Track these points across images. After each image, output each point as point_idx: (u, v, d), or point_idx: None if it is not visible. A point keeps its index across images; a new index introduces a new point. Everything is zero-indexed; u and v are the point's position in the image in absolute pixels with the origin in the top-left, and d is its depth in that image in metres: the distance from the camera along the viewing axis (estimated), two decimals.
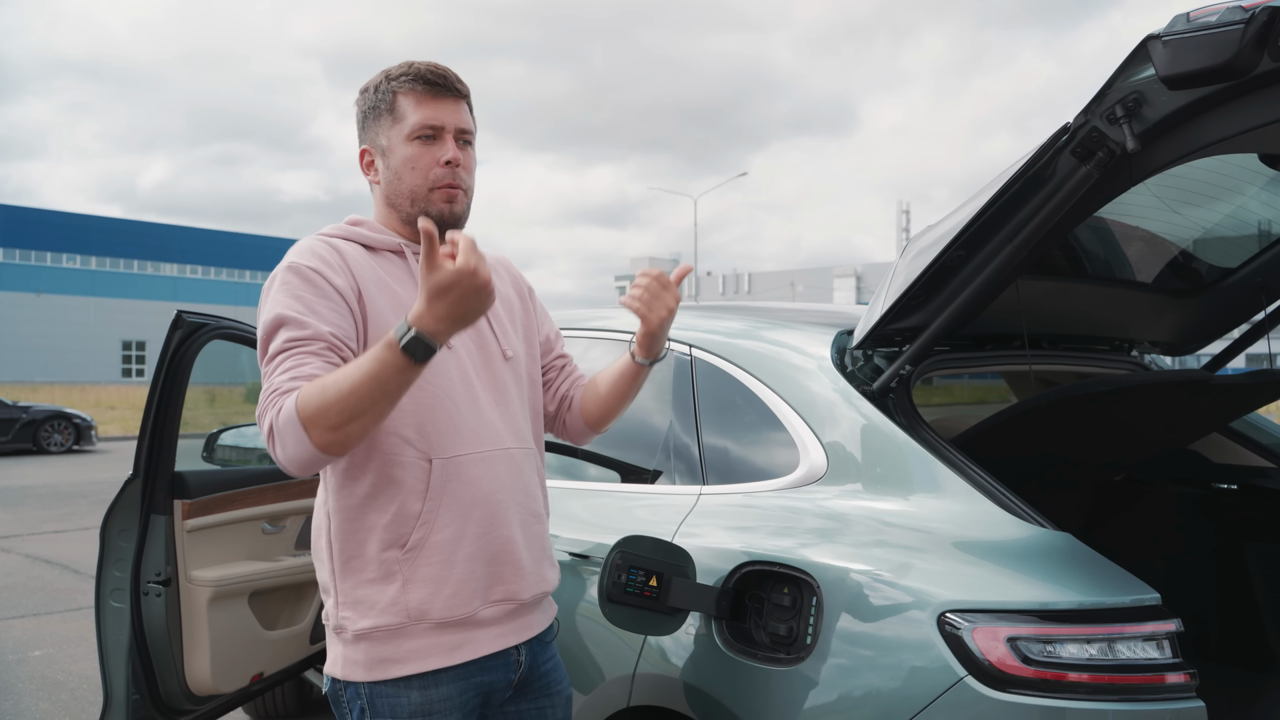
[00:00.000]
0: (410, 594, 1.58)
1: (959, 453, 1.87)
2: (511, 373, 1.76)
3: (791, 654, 1.77)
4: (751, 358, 2.23)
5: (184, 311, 2.73)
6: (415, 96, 1.65)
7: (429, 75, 1.65)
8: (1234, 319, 2.71)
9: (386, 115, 1.66)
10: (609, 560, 1.82)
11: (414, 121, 1.64)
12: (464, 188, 1.67)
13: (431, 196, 1.65)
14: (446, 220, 1.66)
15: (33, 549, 7.88)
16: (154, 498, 2.67)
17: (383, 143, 1.67)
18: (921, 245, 1.94)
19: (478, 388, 1.67)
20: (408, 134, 1.64)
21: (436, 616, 1.59)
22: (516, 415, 1.74)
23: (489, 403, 1.68)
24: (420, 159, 1.64)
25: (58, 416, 17.25)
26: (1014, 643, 1.55)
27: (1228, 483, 2.83)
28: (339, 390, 1.38)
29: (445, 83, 1.66)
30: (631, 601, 1.81)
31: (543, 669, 1.77)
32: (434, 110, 1.64)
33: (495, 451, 1.66)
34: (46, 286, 50.61)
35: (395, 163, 1.66)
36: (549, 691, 1.78)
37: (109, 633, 2.69)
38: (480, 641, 1.64)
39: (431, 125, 1.64)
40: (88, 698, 4.37)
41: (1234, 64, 1.36)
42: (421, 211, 1.65)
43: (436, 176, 1.64)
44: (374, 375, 1.36)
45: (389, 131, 1.66)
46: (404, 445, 1.59)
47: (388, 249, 1.68)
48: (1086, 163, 1.63)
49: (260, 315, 1.59)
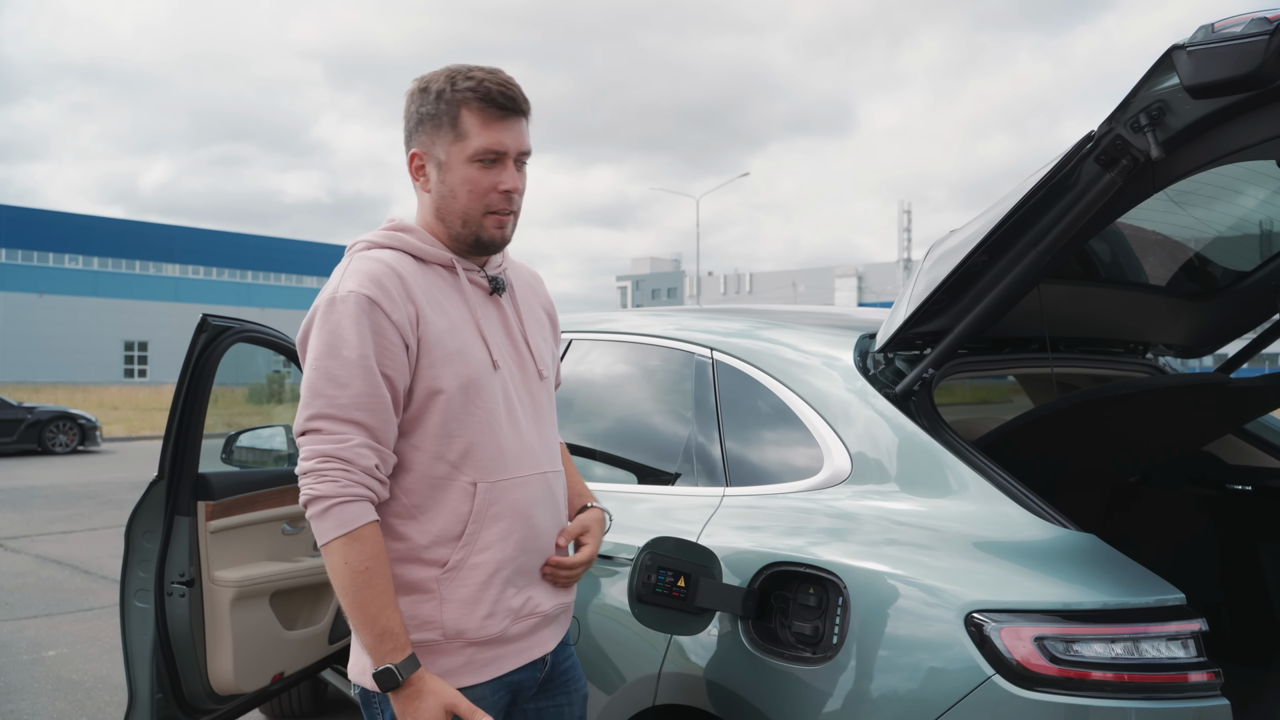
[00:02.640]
0: (446, 613, 1.60)
1: (981, 455, 1.89)
2: (545, 392, 1.78)
3: (817, 653, 1.80)
4: (773, 360, 2.25)
5: (209, 315, 2.75)
6: (482, 117, 1.59)
7: (499, 96, 1.59)
8: (1249, 322, 2.73)
9: (448, 128, 1.60)
10: (638, 561, 1.85)
11: (478, 145, 1.59)
12: (516, 211, 1.67)
13: (485, 221, 1.63)
14: (496, 244, 1.67)
15: (42, 549, 7.91)
16: (178, 499, 2.70)
17: (440, 155, 1.62)
18: (944, 250, 1.96)
19: (519, 409, 1.68)
20: (470, 155, 1.60)
21: (471, 636, 1.61)
22: (549, 435, 1.76)
23: (529, 424, 1.70)
24: (480, 182, 1.61)
25: (63, 417, 17.27)
26: (1040, 642, 1.57)
27: (1242, 484, 2.85)
28: (360, 592, 1.53)
29: (513, 105, 1.61)
30: (660, 602, 1.84)
31: (562, 667, 1.82)
32: (499, 134, 1.60)
33: (535, 475, 1.69)
34: (49, 287, 50.66)
35: (453, 180, 1.62)
36: (568, 689, 1.83)
37: (134, 633, 2.72)
38: (509, 657, 1.67)
39: (495, 150, 1.60)
40: (104, 697, 4.39)
41: (1258, 74, 1.39)
42: (473, 234, 1.64)
43: (492, 202, 1.62)
44: (363, 622, 1.53)
45: (449, 146, 1.61)
46: (452, 470, 1.60)
47: (439, 263, 1.66)
48: (1110, 170, 1.66)
49: (320, 333, 1.56)
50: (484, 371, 1.63)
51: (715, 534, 2.08)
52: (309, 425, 1.54)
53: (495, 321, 1.70)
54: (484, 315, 1.68)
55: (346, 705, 4.02)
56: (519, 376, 1.70)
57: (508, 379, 1.67)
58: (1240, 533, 2.80)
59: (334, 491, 1.50)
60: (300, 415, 1.55)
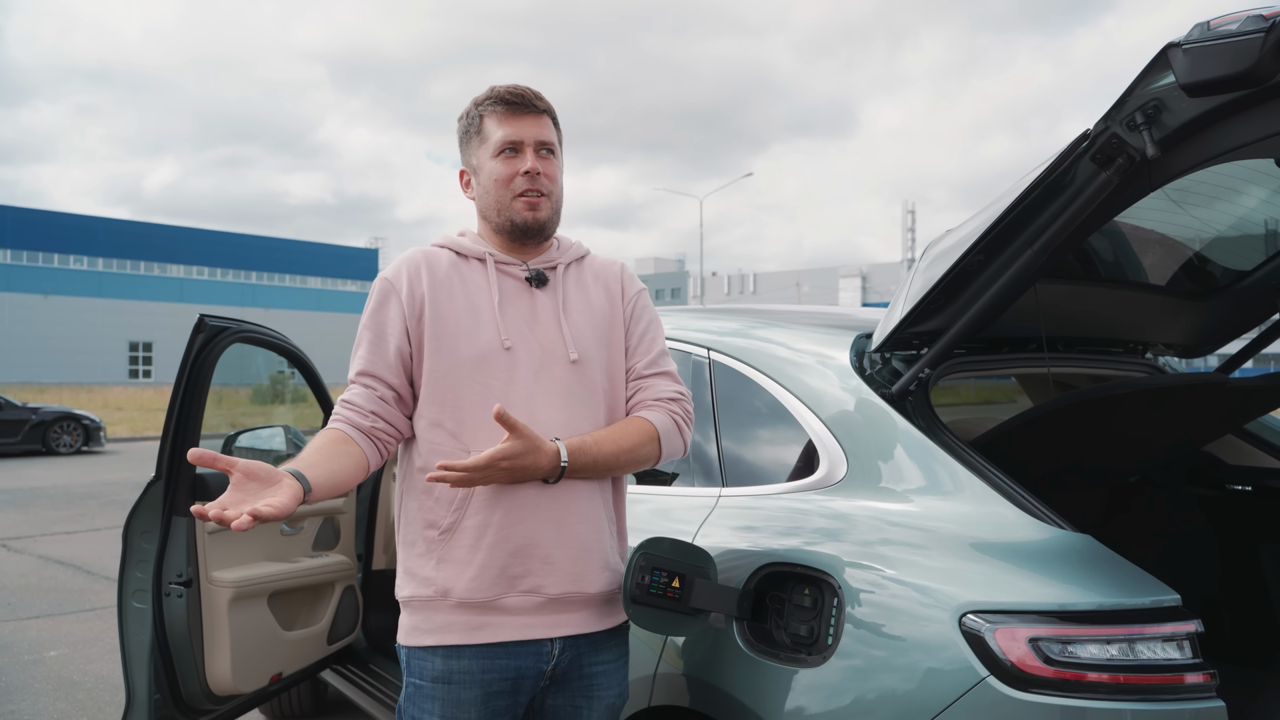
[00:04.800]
0: (441, 572, 1.74)
1: (978, 455, 1.89)
2: (578, 375, 1.80)
3: (813, 654, 1.79)
4: (769, 360, 2.24)
5: (206, 315, 2.75)
6: (498, 116, 1.81)
7: (508, 96, 1.80)
8: (1248, 321, 2.72)
9: (475, 137, 1.84)
10: (632, 561, 1.84)
11: (497, 139, 1.80)
12: (546, 193, 1.82)
13: (514, 205, 1.80)
14: (530, 225, 1.81)
15: (45, 550, 7.92)
16: (176, 500, 2.69)
17: (474, 162, 1.85)
18: (940, 250, 1.95)
19: (534, 389, 1.77)
20: (493, 151, 1.80)
21: (459, 596, 1.73)
22: (578, 416, 1.79)
23: (545, 403, 1.77)
24: (503, 172, 1.80)
25: (67, 418, 17.30)
26: (1035, 643, 1.56)
27: (1242, 484, 2.84)
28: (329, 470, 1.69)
29: (524, 101, 1.81)
30: (654, 602, 1.83)
31: (588, 669, 1.81)
32: (514, 127, 1.80)
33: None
34: (54, 288, 50.78)
35: (484, 179, 1.83)
36: (589, 693, 1.82)
37: (131, 633, 2.72)
38: (501, 628, 1.73)
39: (512, 141, 1.79)
40: (104, 697, 4.40)
41: (1254, 72, 1.38)
42: (507, 220, 1.81)
43: (517, 186, 1.80)
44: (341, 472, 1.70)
45: (478, 151, 1.83)
46: (448, 437, 1.75)
47: (475, 257, 1.85)
48: (1106, 169, 1.65)
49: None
50: (491, 349, 1.76)
51: (712, 534, 2.07)
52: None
53: (522, 309, 1.82)
54: (507, 302, 1.81)
55: (347, 705, 4.02)
56: (540, 357, 1.79)
57: (522, 359, 1.77)
58: (1240, 533, 2.79)
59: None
60: None
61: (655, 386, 1.87)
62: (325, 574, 3.15)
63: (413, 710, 1.76)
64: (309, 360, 3.32)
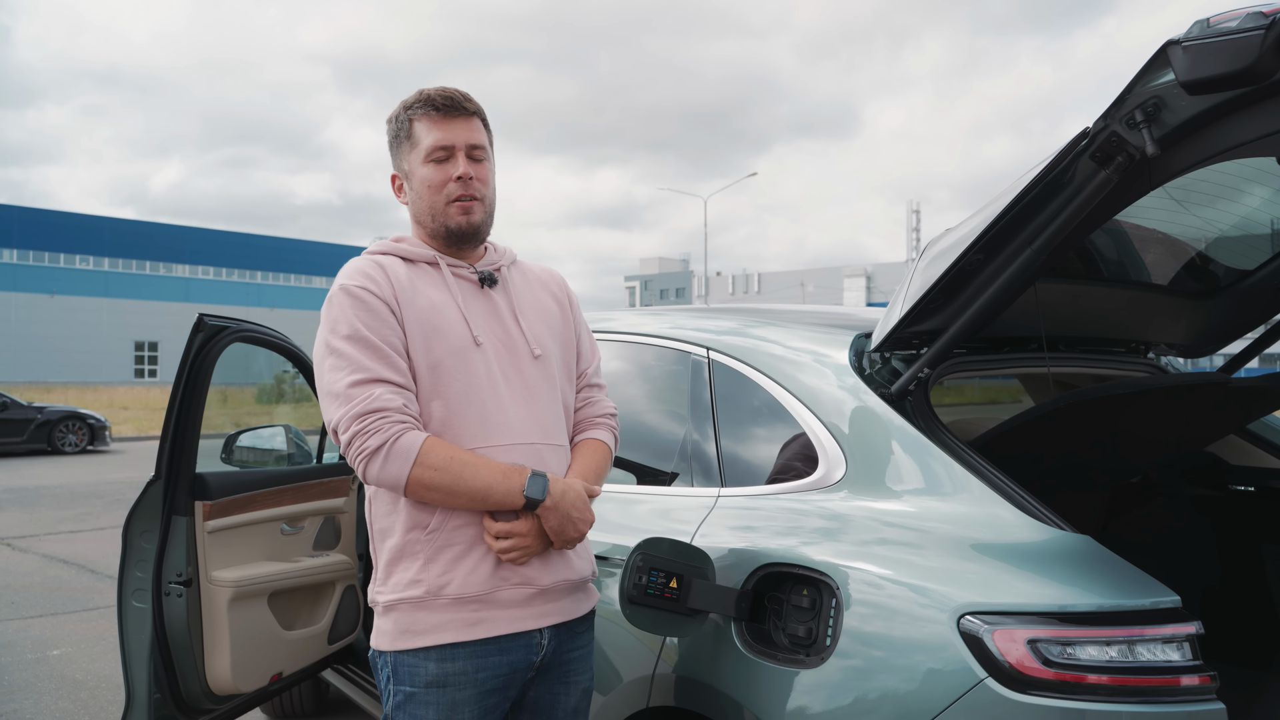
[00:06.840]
0: (430, 570, 1.71)
1: (977, 455, 1.88)
2: (541, 371, 1.85)
3: (811, 655, 1.78)
4: (769, 360, 2.24)
5: (205, 315, 2.75)
6: (428, 121, 1.79)
7: (438, 99, 1.79)
8: (1251, 321, 2.71)
9: (406, 142, 1.82)
10: (630, 562, 1.83)
11: (427, 144, 1.79)
12: (479, 197, 1.81)
13: (449, 210, 1.80)
14: (465, 230, 1.81)
15: (49, 549, 7.94)
16: (175, 499, 2.69)
17: (405, 167, 1.83)
18: (939, 249, 1.94)
19: (503, 386, 1.79)
20: (424, 157, 1.79)
21: (453, 592, 1.71)
22: (544, 412, 1.83)
23: (514, 400, 1.79)
24: (435, 178, 1.79)
25: (72, 417, 17.35)
26: (1034, 644, 1.55)
27: (1245, 485, 2.83)
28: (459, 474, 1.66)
29: (453, 104, 1.79)
30: (652, 603, 1.83)
31: (566, 656, 1.83)
32: (445, 132, 1.79)
33: (517, 445, 1.76)
34: (60, 287, 50.92)
35: (416, 184, 1.81)
36: (566, 679, 1.83)
37: (131, 632, 2.72)
38: (497, 621, 1.73)
39: (443, 146, 1.79)
40: (107, 696, 4.40)
41: (1254, 69, 1.36)
42: (442, 225, 1.81)
43: (451, 191, 1.79)
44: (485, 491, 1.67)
45: (409, 156, 1.82)
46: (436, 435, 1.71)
47: (424, 261, 1.82)
48: (1106, 167, 1.64)
49: (320, 328, 1.75)
50: (465, 346, 1.76)
51: (710, 534, 2.06)
52: (337, 405, 1.66)
53: (482, 307, 1.83)
54: (468, 301, 1.81)
55: (347, 705, 4.02)
56: (506, 356, 1.81)
57: (493, 357, 1.78)
58: (1242, 534, 2.78)
59: (381, 440, 1.63)
60: (326, 408, 1.69)
61: (599, 401, 1.98)
62: (326, 573, 3.15)
63: (404, 719, 1.73)
64: (309, 359, 3.31)
